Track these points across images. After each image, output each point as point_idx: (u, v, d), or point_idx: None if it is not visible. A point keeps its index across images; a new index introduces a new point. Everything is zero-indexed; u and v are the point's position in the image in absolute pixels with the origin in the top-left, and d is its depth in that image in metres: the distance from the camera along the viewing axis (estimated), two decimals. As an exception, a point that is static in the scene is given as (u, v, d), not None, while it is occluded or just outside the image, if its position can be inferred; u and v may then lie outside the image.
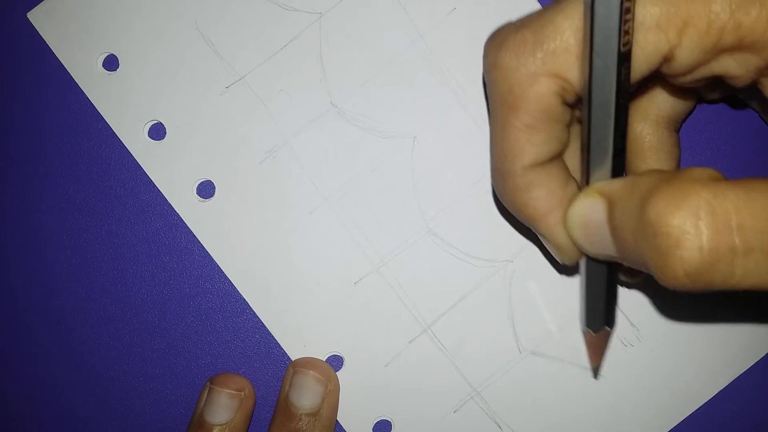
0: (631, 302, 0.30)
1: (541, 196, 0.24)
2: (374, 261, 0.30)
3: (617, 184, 0.22)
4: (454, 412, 0.30)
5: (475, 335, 0.30)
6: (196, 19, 0.30)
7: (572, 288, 0.30)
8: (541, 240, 0.25)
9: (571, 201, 0.23)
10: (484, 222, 0.30)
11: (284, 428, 0.28)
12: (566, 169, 0.25)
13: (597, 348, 0.28)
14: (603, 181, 0.22)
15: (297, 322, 0.30)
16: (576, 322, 0.30)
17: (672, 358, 0.30)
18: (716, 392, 0.30)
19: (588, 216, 0.22)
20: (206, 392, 0.29)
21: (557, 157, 0.24)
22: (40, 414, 0.31)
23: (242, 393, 0.29)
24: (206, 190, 0.30)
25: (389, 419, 0.30)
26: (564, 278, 0.30)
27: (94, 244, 0.31)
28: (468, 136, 0.30)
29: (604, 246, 0.22)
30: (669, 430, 0.30)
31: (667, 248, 0.19)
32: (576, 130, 0.25)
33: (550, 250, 0.26)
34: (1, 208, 0.31)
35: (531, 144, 0.23)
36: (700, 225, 0.18)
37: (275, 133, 0.30)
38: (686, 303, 0.30)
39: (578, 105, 0.23)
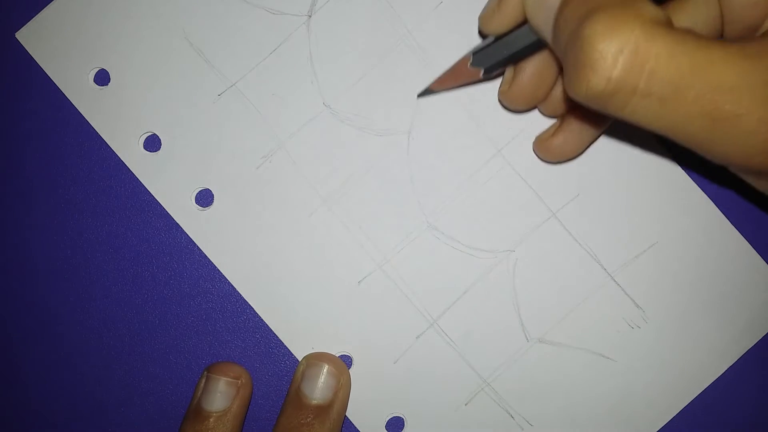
0: (636, 284, 0.30)
1: None
2: (377, 259, 0.30)
3: None
4: (466, 404, 0.30)
5: (482, 326, 0.30)
6: (184, 29, 0.30)
7: (575, 275, 0.30)
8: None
9: None
10: (484, 213, 0.30)
11: (294, 419, 0.28)
12: None
13: (456, 78, 0.28)
14: None
15: (304, 324, 0.30)
16: (579, 311, 0.30)
17: (679, 338, 0.30)
18: (725, 369, 0.30)
19: None
20: (203, 380, 0.29)
21: None
22: (41, 413, 0.31)
23: (239, 381, 0.29)
24: (205, 198, 0.31)
25: (401, 415, 0.30)
26: (568, 265, 0.30)
27: (94, 245, 0.31)
28: (462, 128, 0.30)
29: (543, 25, 0.23)
30: (680, 409, 0.30)
31: (583, 66, 0.20)
32: None
33: (488, 2, 0.26)
34: (3, 211, 0.31)
35: None
36: (618, 59, 0.19)
37: (270, 137, 0.30)
38: (691, 283, 0.30)
39: None
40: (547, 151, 0.29)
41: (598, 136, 0.29)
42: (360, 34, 0.30)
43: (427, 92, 0.30)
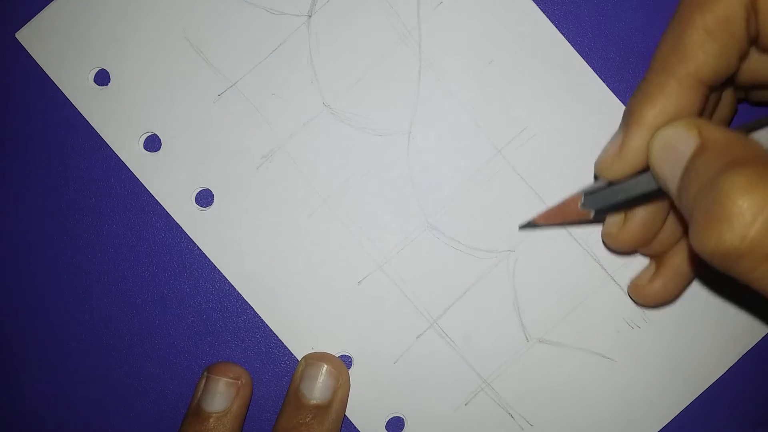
0: (636, 284, 0.30)
1: (661, 100, 0.23)
2: (377, 259, 0.30)
3: (719, 134, 0.21)
4: (466, 404, 0.30)
5: (482, 326, 0.30)
6: (184, 29, 0.30)
7: (575, 275, 0.30)
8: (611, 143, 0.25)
9: (677, 120, 0.23)
10: (484, 213, 0.30)
11: (293, 419, 0.28)
12: (702, 102, 0.24)
13: (563, 215, 0.28)
14: (712, 124, 0.22)
15: (304, 325, 0.30)
16: (579, 309, 0.30)
17: (680, 338, 0.30)
18: (726, 369, 0.30)
19: (678, 143, 0.22)
20: (203, 381, 0.29)
21: (707, 84, 0.23)
22: (41, 413, 0.31)
23: (239, 381, 0.29)
24: (205, 198, 0.31)
25: (401, 416, 0.30)
26: (568, 265, 0.30)
27: (94, 245, 0.31)
28: (462, 128, 0.30)
29: (668, 174, 0.22)
30: (681, 409, 0.30)
31: (716, 218, 0.19)
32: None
33: (607, 148, 0.25)
34: (3, 211, 0.31)
35: (702, 50, 0.23)
36: (758, 218, 0.18)
37: (270, 137, 0.30)
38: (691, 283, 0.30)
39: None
40: (646, 297, 0.28)
41: (695, 278, 0.29)
42: (360, 34, 0.30)
43: (529, 225, 0.29)
